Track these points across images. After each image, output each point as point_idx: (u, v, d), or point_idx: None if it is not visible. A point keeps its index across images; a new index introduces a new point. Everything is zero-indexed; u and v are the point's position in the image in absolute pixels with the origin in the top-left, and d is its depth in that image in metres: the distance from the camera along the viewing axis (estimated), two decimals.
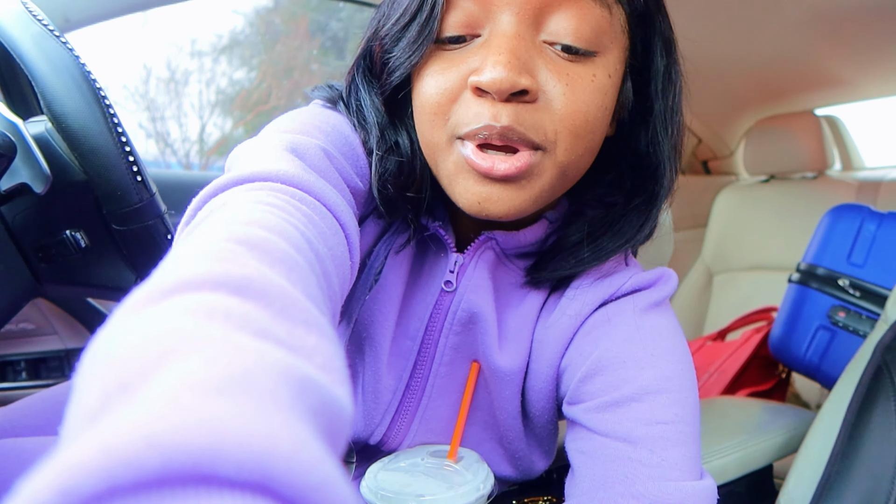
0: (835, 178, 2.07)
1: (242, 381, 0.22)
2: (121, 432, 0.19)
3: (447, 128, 0.53)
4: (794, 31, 1.70)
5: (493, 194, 0.52)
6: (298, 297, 0.31)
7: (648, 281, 0.62)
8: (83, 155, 0.70)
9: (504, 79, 0.48)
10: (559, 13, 0.51)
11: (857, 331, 1.27)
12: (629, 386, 0.55)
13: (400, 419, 0.65)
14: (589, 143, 0.54)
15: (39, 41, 0.71)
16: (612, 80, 0.54)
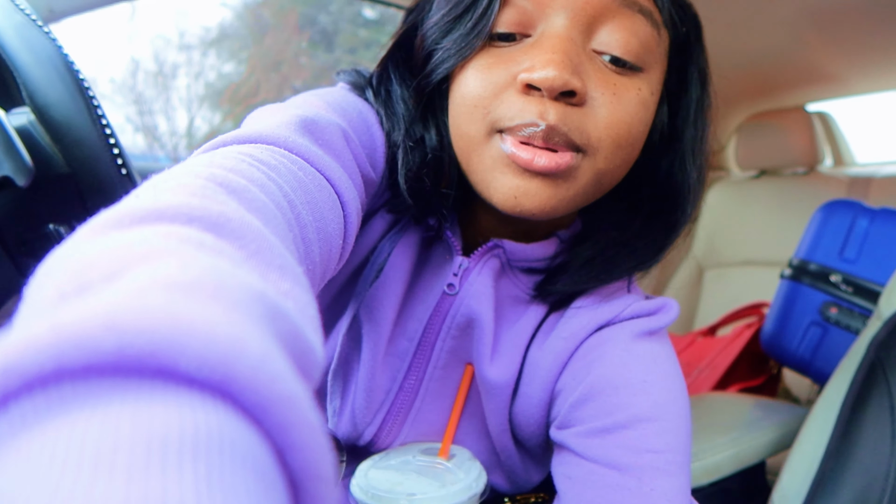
0: (826, 173, 2.07)
1: (215, 289, 0.21)
2: (76, 314, 0.17)
3: (486, 121, 0.52)
4: (786, 28, 1.70)
5: (530, 188, 0.51)
6: (275, 243, 0.30)
7: (648, 310, 0.60)
8: (66, 147, 0.69)
9: (556, 76, 0.48)
10: (611, 24, 0.51)
11: (849, 327, 1.27)
12: (621, 413, 0.54)
13: (392, 420, 0.64)
14: (627, 155, 0.54)
15: (22, 31, 0.70)
16: (653, 97, 0.55)
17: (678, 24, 0.58)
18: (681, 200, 0.60)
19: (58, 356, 0.16)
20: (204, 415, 0.17)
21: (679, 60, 0.59)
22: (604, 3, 0.51)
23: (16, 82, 0.71)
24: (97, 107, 0.69)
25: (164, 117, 9.93)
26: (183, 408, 0.17)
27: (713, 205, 2.18)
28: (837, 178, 1.99)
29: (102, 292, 0.20)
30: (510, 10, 0.52)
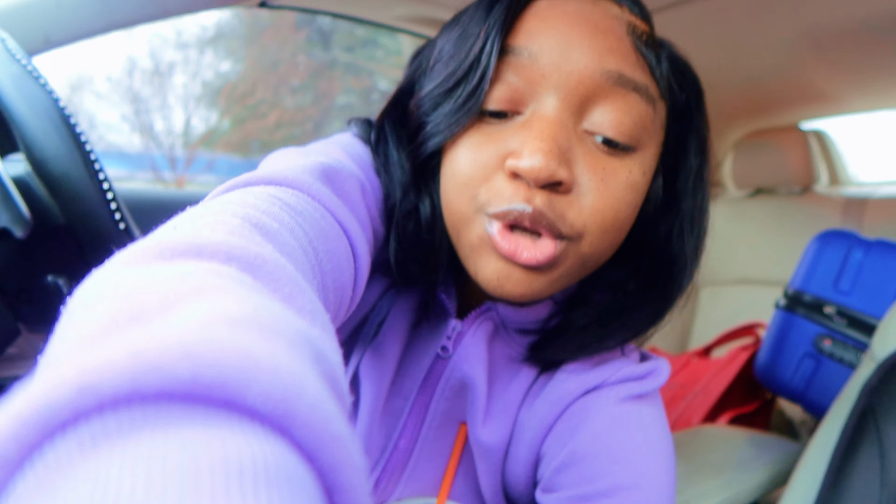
0: (822, 193, 2.07)
1: (273, 327, 0.22)
2: (153, 339, 0.18)
3: (475, 202, 0.52)
4: (783, 48, 1.70)
5: (512, 275, 0.51)
6: (306, 288, 0.31)
7: (639, 373, 0.59)
8: (65, 202, 0.68)
9: (543, 167, 0.47)
10: (604, 104, 0.51)
11: (842, 360, 1.27)
12: (601, 481, 0.54)
13: (387, 478, 0.64)
14: (614, 239, 0.54)
15: (19, 83, 0.69)
16: (645, 177, 0.54)
17: (677, 92, 0.57)
18: (677, 270, 0.59)
19: (135, 379, 0.17)
20: (268, 446, 0.18)
21: (678, 126, 0.58)
22: (597, 83, 0.50)
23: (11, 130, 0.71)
24: (95, 161, 0.69)
25: (161, 116, 9.90)
26: (248, 438, 0.18)
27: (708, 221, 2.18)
28: (833, 198, 2.00)
29: (163, 323, 0.21)
30: (501, 86, 0.51)
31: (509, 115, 0.52)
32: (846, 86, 1.90)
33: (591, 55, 0.50)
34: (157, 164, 10.81)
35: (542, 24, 0.51)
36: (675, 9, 1.50)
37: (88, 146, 0.69)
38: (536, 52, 0.50)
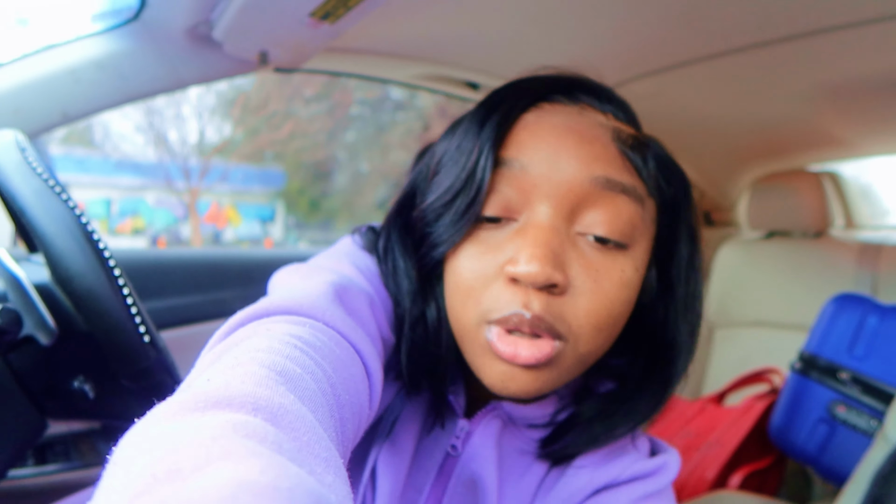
0: (836, 238, 2.06)
1: (289, 495, 0.25)
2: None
3: (478, 311, 0.54)
4: (798, 98, 1.70)
5: (515, 375, 0.53)
6: (322, 435, 0.34)
7: (648, 470, 0.60)
8: (89, 318, 0.70)
9: (538, 273, 0.50)
10: (594, 208, 0.53)
11: (856, 427, 1.27)
12: None
13: None
14: (609, 335, 0.56)
15: (41, 198, 0.70)
16: (638, 273, 0.56)
17: (665, 188, 0.59)
18: (675, 354, 0.60)
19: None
20: None
21: (668, 218, 0.59)
22: (586, 189, 0.53)
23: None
24: (118, 277, 0.70)
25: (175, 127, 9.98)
26: None
27: (723, 263, 2.18)
28: (848, 244, 1.98)
29: (195, 485, 0.24)
30: (496, 197, 0.54)
31: (504, 220, 0.55)
32: (861, 132, 1.89)
33: (578, 164, 0.53)
34: (170, 174, 10.89)
35: (532, 137, 0.54)
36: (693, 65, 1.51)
37: (112, 261, 0.71)
38: (527, 164, 0.53)
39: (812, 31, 1.33)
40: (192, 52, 1.18)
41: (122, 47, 1.15)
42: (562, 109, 0.57)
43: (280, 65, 1.25)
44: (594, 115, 0.57)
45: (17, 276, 0.75)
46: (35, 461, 1.28)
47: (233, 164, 11.10)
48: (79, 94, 1.15)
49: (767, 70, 1.54)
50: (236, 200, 12.63)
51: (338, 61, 1.44)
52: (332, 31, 1.09)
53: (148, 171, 10.78)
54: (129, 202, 11.73)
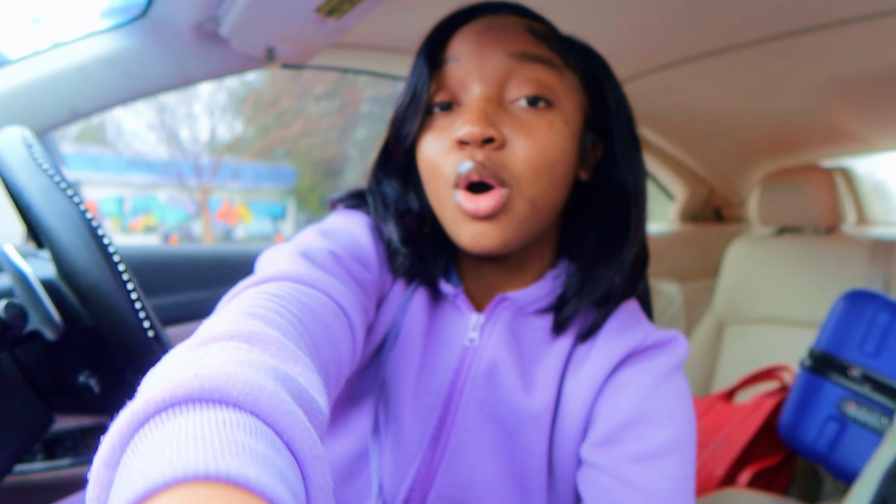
0: (848, 234, 2.04)
1: (250, 364, 0.36)
2: (182, 375, 0.33)
3: (443, 178, 0.66)
4: (809, 92, 1.69)
5: (483, 230, 0.65)
6: (289, 345, 0.44)
7: (666, 339, 0.70)
8: (94, 313, 0.70)
9: (474, 131, 0.62)
10: (517, 77, 0.66)
11: (866, 424, 1.26)
12: (649, 442, 0.64)
13: (425, 469, 0.69)
14: (550, 177, 0.66)
15: (47, 194, 0.71)
16: (568, 126, 0.67)
17: (584, 66, 0.72)
18: (628, 200, 0.72)
19: (174, 394, 0.31)
20: (244, 417, 0.32)
21: (598, 92, 0.72)
22: (507, 65, 0.66)
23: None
24: (123, 272, 0.71)
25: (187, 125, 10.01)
26: (232, 413, 0.32)
27: (733, 260, 2.16)
28: (860, 240, 1.96)
29: (190, 368, 0.35)
30: (443, 89, 0.68)
31: (454, 106, 0.68)
32: (873, 126, 1.87)
33: (497, 48, 0.66)
34: (182, 172, 10.93)
35: (462, 39, 0.68)
36: (703, 60, 1.50)
37: (116, 258, 0.71)
38: (460, 57, 0.67)
39: (824, 24, 1.32)
40: (199, 49, 1.19)
41: (129, 44, 1.15)
42: (486, 18, 0.69)
43: (287, 61, 1.26)
44: (511, 18, 0.70)
45: (24, 272, 0.75)
46: (44, 456, 1.28)
47: (244, 162, 11.14)
48: (87, 91, 1.15)
49: (778, 64, 1.53)
50: (247, 198, 12.68)
51: (345, 57, 1.44)
52: (339, 27, 1.09)
53: (160, 169, 10.84)
54: (142, 200, 11.79)
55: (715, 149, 2.14)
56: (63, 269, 0.70)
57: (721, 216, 2.51)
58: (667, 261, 2.20)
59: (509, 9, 0.71)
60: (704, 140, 2.08)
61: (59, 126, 1.15)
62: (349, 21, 1.07)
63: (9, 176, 0.73)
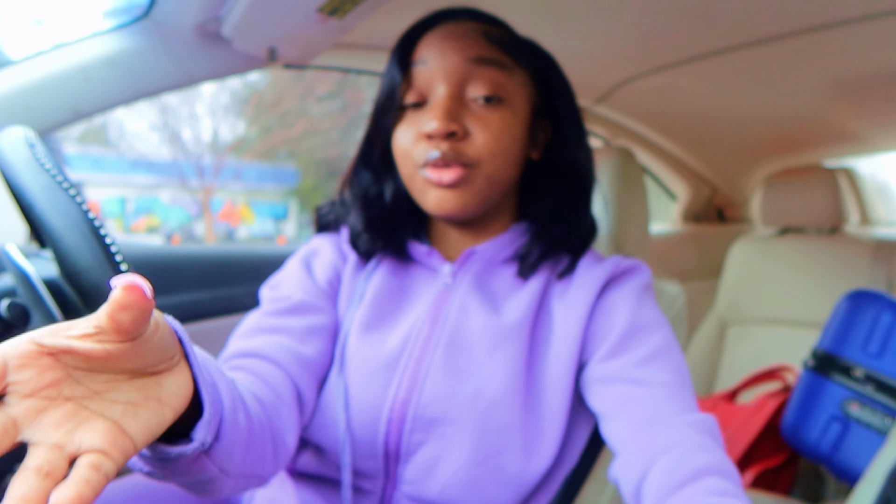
0: (851, 235, 2.04)
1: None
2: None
3: (413, 163, 0.79)
4: (812, 92, 1.69)
5: (445, 197, 0.78)
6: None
7: (634, 264, 0.84)
8: None
9: (439, 127, 0.75)
10: (475, 78, 0.78)
11: (870, 425, 1.26)
12: (649, 345, 0.75)
13: (404, 395, 0.76)
14: (504, 159, 0.79)
15: (49, 194, 0.71)
16: (517, 116, 0.80)
17: (534, 64, 0.84)
18: (577, 173, 0.85)
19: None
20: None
21: (547, 86, 0.85)
22: (466, 68, 0.78)
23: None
24: (125, 272, 0.71)
25: (189, 125, 10.01)
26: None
27: (736, 260, 2.16)
28: (863, 241, 1.96)
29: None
30: (413, 89, 0.80)
31: (423, 104, 0.80)
32: (876, 126, 1.87)
33: (458, 53, 0.78)
34: (185, 172, 10.94)
35: (428, 44, 0.80)
36: (706, 60, 1.50)
37: (119, 256, 0.71)
38: (427, 60, 0.79)
39: (826, 24, 1.31)
40: (201, 49, 1.19)
41: (132, 44, 1.15)
42: (448, 25, 0.81)
43: (289, 61, 1.26)
44: (470, 23, 0.81)
45: (26, 271, 0.75)
46: None
47: (246, 163, 11.14)
48: (90, 91, 1.15)
49: (781, 64, 1.53)
50: (250, 198, 12.68)
51: (347, 57, 1.44)
52: (341, 27, 1.09)
53: (162, 170, 10.84)
54: (144, 201, 11.80)
55: (717, 149, 2.14)
56: (65, 269, 0.70)
57: (723, 216, 2.50)
58: (669, 261, 2.20)
59: (468, 15, 0.83)
60: (707, 140, 2.08)
61: (62, 126, 1.15)
62: (351, 21, 1.07)
63: (11, 176, 0.73)
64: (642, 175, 1.27)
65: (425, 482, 0.75)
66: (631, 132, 2.02)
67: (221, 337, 1.42)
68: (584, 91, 1.78)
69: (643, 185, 1.27)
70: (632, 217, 1.21)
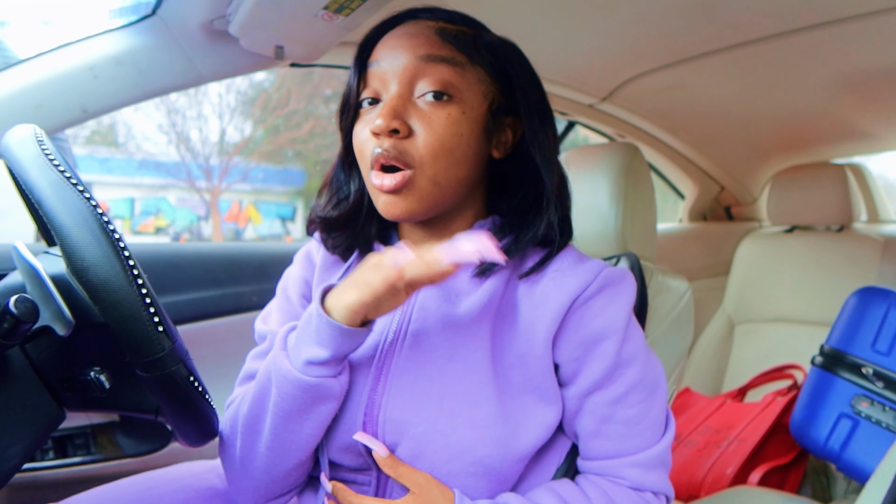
0: (860, 231, 2.02)
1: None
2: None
3: (364, 161, 0.80)
4: (819, 89, 1.68)
5: (391, 201, 0.79)
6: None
7: (621, 276, 0.83)
8: (104, 308, 0.70)
9: (382, 125, 0.76)
10: (425, 76, 0.78)
11: (880, 422, 1.25)
12: (626, 381, 0.79)
13: (382, 359, 0.80)
14: (449, 159, 0.78)
15: (58, 191, 0.71)
16: (467, 115, 0.79)
17: (492, 60, 0.82)
18: (540, 175, 0.82)
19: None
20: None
21: (503, 77, 0.83)
22: (416, 66, 0.78)
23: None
24: (133, 267, 0.71)
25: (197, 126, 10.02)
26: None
27: (744, 258, 2.15)
28: (872, 237, 1.95)
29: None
30: (369, 88, 0.81)
31: (379, 101, 0.81)
32: (885, 124, 1.86)
33: (409, 51, 0.79)
34: (192, 173, 10.97)
35: (383, 44, 0.81)
36: (713, 56, 1.49)
37: (127, 253, 0.71)
38: (381, 60, 0.81)
39: (834, 20, 1.31)
40: (209, 47, 1.19)
41: (139, 43, 1.16)
42: (405, 25, 0.82)
43: (296, 59, 1.26)
44: (426, 23, 0.82)
45: (35, 267, 0.75)
46: (56, 454, 1.29)
47: (253, 164, 11.16)
48: (97, 90, 1.16)
49: (789, 60, 1.52)
50: (257, 199, 12.71)
51: (353, 56, 1.44)
52: (347, 25, 1.09)
53: (170, 171, 10.87)
54: (152, 201, 11.83)
55: (725, 146, 2.13)
56: (74, 265, 0.70)
57: (731, 215, 2.49)
58: (676, 259, 2.19)
59: (428, 13, 0.84)
60: (714, 138, 2.07)
61: (70, 125, 1.16)
62: (358, 19, 1.07)
63: (21, 172, 0.73)
64: (650, 172, 1.27)
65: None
66: (638, 130, 2.01)
67: (229, 336, 1.43)
68: (590, 89, 1.77)
69: (651, 181, 1.26)
70: (639, 214, 1.21)
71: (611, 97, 1.81)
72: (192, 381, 0.76)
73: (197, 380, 0.76)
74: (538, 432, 0.78)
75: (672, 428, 0.83)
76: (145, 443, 1.35)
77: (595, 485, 0.79)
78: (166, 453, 1.34)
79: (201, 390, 0.77)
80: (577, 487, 0.79)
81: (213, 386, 0.85)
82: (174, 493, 0.88)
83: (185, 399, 0.76)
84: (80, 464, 1.28)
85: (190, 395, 0.76)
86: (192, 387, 0.76)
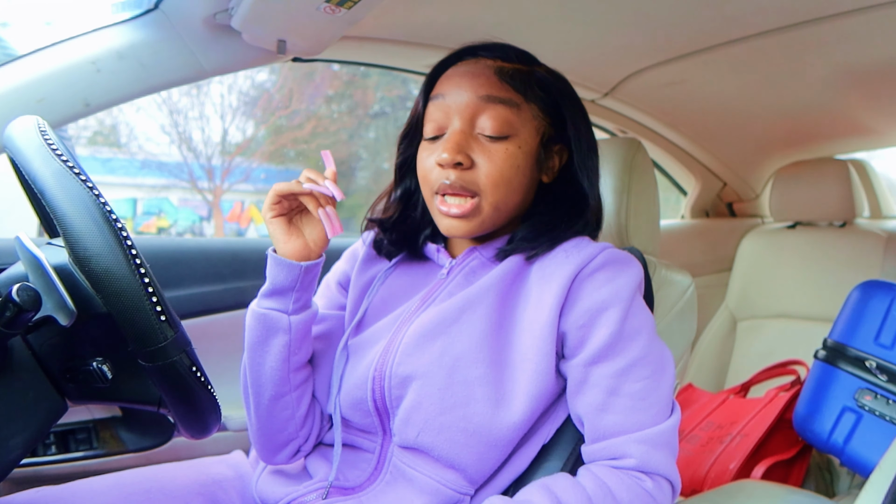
0: (863, 227, 2.02)
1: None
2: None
3: (430, 186, 0.89)
4: (821, 85, 1.68)
5: (454, 224, 0.88)
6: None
7: (625, 256, 0.88)
8: (107, 297, 0.70)
9: (448, 158, 0.85)
10: (483, 115, 0.87)
11: (883, 416, 1.24)
12: (630, 354, 0.82)
13: (392, 350, 0.88)
14: (508, 188, 0.88)
15: (60, 180, 0.70)
16: (522, 149, 0.89)
17: (544, 96, 0.91)
18: (583, 199, 0.93)
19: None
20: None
21: (554, 110, 0.92)
22: (477, 104, 0.87)
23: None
24: (136, 256, 0.70)
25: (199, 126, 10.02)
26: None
27: (746, 254, 2.14)
28: (875, 233, 1.94)
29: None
30: (430, 123, 0.90)
31: (439, 136, 0.89)
32: (889, 120, 1.86)
33: (471, 90, 0.88)
34: (194, 173, 10.97)
35: (447, 80, 0.91)
36: (715, 51, 1.49)
37: (129, 242, 0.71)
38: (445, 95, 0.90)
39: (837, 13, 1.30)
40: (211, 41, 1.19)
41: (142, 37, 1.16)
42: (466, 62, 0.91)
43: (299, 54, 1.26)
44: (486, 61, 0.91)
45: (38, 257, 0.75)
46: (58, 449, 1.29)
47: (255, 164, 11.16)
48: (100, 83, 1.16)
49: (791, 55, 1.52)
50: (259, 200, 12.71)
51: (355, 50, 1.44)
52: (349, 19, 1.09)
53: (172, 171, 10.87)
54: (154, 202, 11.84)
55: (727, 142, 2.13)
56: (76, 254, 0.70)
57: (733, 211, 2.49)
58: (679, 255, 2.19)
59: (486, 51, 0.92)
60: (716, 133, 2.07)
61: (73, 119, 1.16)
62: (359, 13, 1.07)
63: (23, 162, 0.73)
64: (653, 167, 1.26)
65: (406, 429, 0.85)
66: (640, 125, 2.01)
67: (231, 331, 1.42)
68: (592, 84, 1.77)
69: (654, 176, 1.26)
70: (642, 209, 1.21)
71: (613, 92, 1.81)
72: (194, 371, 0.75)
73: (200, 370, 0.76)
74: (530, 403, 0.83)
75: (678, 412, 0.85)
76: (148, 437, 1.35)
77: (593, 474, 0.80)
78: (169, 448, 1.34)
79: (204, 381, 0.77)
80: (572, 481, 0.81)
81: (215, 381, 0.85)
82: (171, 497, 0.92)
83: (188, 389, 0.76)
84: (82, 458, 1.28)
85: (192, 385, 0.75)
86: (194, 377, 0.75)
